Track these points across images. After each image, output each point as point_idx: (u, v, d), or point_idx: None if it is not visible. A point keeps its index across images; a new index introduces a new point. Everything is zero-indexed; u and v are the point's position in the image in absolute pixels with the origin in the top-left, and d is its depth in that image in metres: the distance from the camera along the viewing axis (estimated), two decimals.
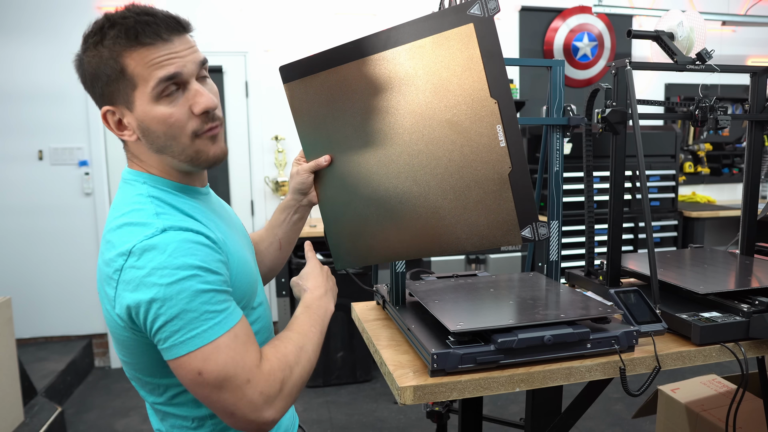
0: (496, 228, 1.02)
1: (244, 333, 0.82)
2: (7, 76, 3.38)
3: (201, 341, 0.78)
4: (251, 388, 0.79)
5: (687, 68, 1.42)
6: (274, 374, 0.82)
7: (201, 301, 0.78)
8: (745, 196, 1.59)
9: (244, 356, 0.80)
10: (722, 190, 4.48)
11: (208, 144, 0.89)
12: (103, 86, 0.84)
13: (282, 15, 3.64)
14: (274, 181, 3.62)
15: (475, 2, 0.95)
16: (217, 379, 0.78)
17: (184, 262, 0.78)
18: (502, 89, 0.97)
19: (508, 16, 3.99)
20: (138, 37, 0.81)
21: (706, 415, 1.90)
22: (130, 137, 0.88)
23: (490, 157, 1.00)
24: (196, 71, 0.86)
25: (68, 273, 3.56)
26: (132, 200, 0.87)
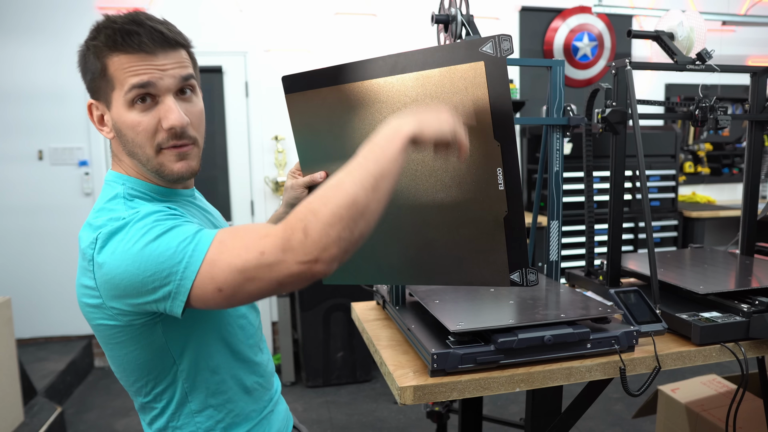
0: (485, 267, 1.01)
1: (229, 233, 0.78)
2: (7, 76, 3.38)
3: (194, 267, 0.76)
4: (271, 255, 0.72)
5: (687, 68, 1.42)
6: (291, 226, 0.72)
7: (170, 238, 0.78)
8: (745, 196, 1.59)
9: (243, 243, 0.75)
10: (722, 190, 4.48)
11: (172, 160, 0.90)
12: (90, 81, 0.89)
13: (282, 15, 3.64)
14: (274, 181, 3.62)
15: (489, 40, 0.92)
16: (236, 280, 0.74)
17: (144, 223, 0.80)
18: (507, 132, 0.94)
19: (508, 16, 3.99)
20: (117, 44, 0.84)
21: (706, 415, 1.90)
22: (108, 134, 0.92)
23: (488, 199, 0.98)
24: (174, 86, 0.87)
25: (68, 273, 3.56)
26: (107, 201, 0.89)
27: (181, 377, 0.92)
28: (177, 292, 0.77)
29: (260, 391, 1.02)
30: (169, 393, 0.93)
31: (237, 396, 0.97)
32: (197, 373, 0.93)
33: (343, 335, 3.27)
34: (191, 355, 0.92)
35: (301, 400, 3.13)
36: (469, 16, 1.42)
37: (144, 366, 0.90)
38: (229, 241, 0.76)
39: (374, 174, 0.76)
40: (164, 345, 0.89)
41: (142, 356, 0.89)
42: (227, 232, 0.78)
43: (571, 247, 3.45)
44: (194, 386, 0.93)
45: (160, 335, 0.88)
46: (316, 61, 3.69)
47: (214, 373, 0.94)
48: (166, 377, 0.92)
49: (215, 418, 0.95)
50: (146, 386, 0.93)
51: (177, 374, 0.92)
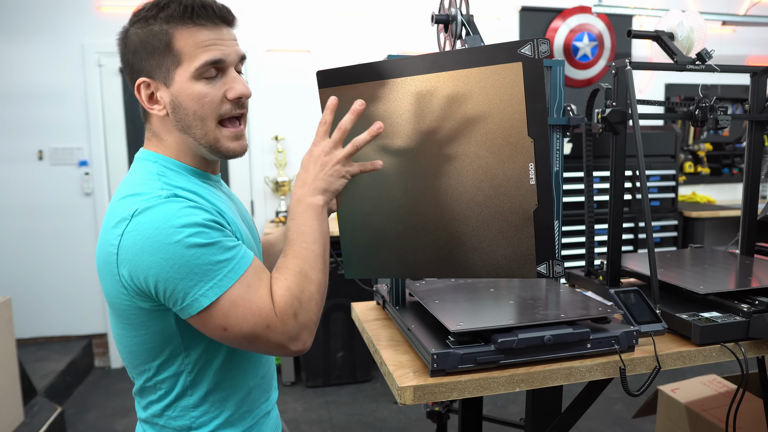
0: (513, 260, 1.04)
1: (255, 279, 0.85)
2: (7, 76, 3.38)
3: (219, 290, 0.81)
4: (272, 332, 0.84)
5: (687, 68, 1.42)
6: (285, 314, 0.84)
7: (209, 254, 0.81)
8: (745, 196, 1.59)
9: (259, 305, 0.83)
10: (722, 190, 4.48)
11: (230, 138, 0.93)
12: (146, 58, 0.89)
13: (282, 15, 3.64)
14: (274, 181, 3.62)
15: (527, 43, 0.96)
16: (242, 332, 0.83)
17: (187, 221, 0.81)
18: (540, 129, 0.98)
19: (508, 16, 3.99)
20: (193, 16, 0.86)
21: (706, 415, 1.90)
22: (159, 112, 0.91)
23: (518, 193, 1.01)
24: (236, 62, 0.92)
25: (68, 273, 3.57)
26: (140, 176, 0.90)
27: (186, 369, 0.92)
28: (193, 302, 0.81)
29: (259, 393, 1.02)
30: (170, 382, 0.93)
31: (236, 395, 0.97)
32: (203, 367, 0.93)
33: (343, 335, 3.27)
34: (201, 348, 0.91)
35: (301, 400, 3.13)
36: (469, 16, 1.42)
37: (151, 351, 0.91)
38: (253, 290, 0.84)
39: (322, 254, 0.92)
40: (175, 334, 0.89)
41: (151, 342, 0.90)
42: (255, 276, 0.85)
43: (571, 247, 3.45)
44: (197, 380, 0.93)
45: (172, 324, 0.88)
46: (316, 61, 3.69)
47: (219, 369, 0.94)
48: (171, 367, 0.92)
49: (211, 414, 0.95)
50: (149, 371, 0.93)
51: (182, 366, 0.92)
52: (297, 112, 3.71)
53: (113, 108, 3.55)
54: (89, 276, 3.58)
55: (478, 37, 1.39)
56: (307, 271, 0.88)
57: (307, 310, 0.86)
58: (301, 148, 3.74)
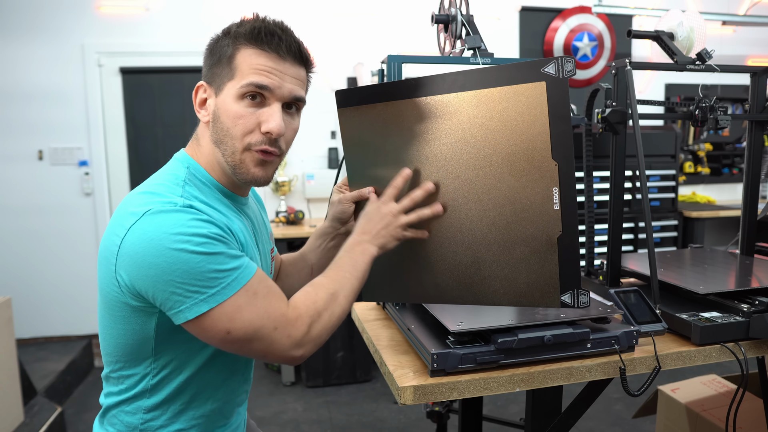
0: (536, 289, 1.00)
1: (264, 287, 0.86)
2: (8, 76, 3.38)
3: (221, 297, 0.81)
4: (279, 334, 0.85)
5: (687, 68, 1.42)
6: (301, 320, 0.87)
7: (214, 262, 0.81)
8: (745, 196, 1.59)
9: (268, 309, 0.85)
10: (722, 190, 4.48)
11: (253, 163, 0.93)
12: (210, 64, 0.93)
13: (282, 15, 3.63)
14: (274, 181, 3.62)
15: (551, 62, 0.92)
16: (246, 334, 0.83)
17: (195, 231, 0.81)
18: (565, 152, 0.94)
19: (508, 16, 3.99)
20: (257, 38, 0.89)
21: (706, 415, 1.90)
22: (204, 117, 0.94)
23: (542, 218, 0.97)
24: (286, 98, 0.92)
25: (68, 273, 3.57)
26: (166, 177, 0.91)
27: (151, 372, 0.92)
28: (189, 309, 0.81)
29: (216, 417, 1.01)
30: (133, 380, 0.93)
31: (192, 412, 0.96)
32: (167, 376, 0.93)
33: (343, 335, 3.27)
34: (169, 357, 0.92)
35: (301, 400, 3.13)
36: (469, 16, 1.42)
37: (124, 346, 0.91)
38: (261, 298, 0.85)
39: (356, 289, 0.97)
40: (150, 339, 0.89)
41: (125, 337, 0.90)
42: (262, 285, 0.86)
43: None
44: (158, 386, 0.93)
45: (151, 328, 0.88)
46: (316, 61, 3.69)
47: (183, 382, 0.94)
48: (137, 366, 0.92)
49: (159, 421, 0.95)
50: (118, 363, 0.94)
51: (148, 368, 0.92)
52: None
53: (113, 108, 3.55)
54: (89, 276, 3.58)
55: (478, 37, 1.39)
56: (338, 296, 0.93)
57: (323, 327, 0.90)
58: (301, 149, 3.74)
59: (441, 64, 1.44)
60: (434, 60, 1.51)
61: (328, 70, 3.72)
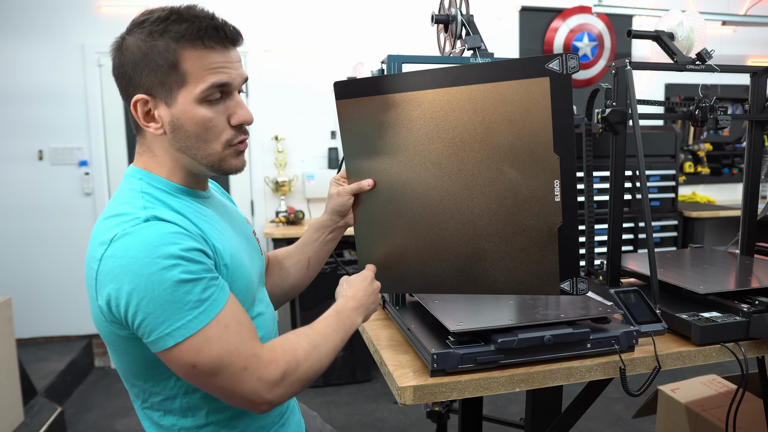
0: (536, 277, 1.02)
1: (235, 321, 0.82)
2: (8, 76, 3.38)
3: (187, 331, 0.77)
4: (248, 375, 0.80)
5: (687, 68, 1.42)
6: (276, 363, 0.83)
7: (183, 291, 0.77)
8: (745, 196, 1.59)
9: (239, 345, 0.80)
10: (722, 190, 4.48)
11: (234, 156, 0.92)
12: (147, 74, 0.84)
13: (282, 15, 3.64)
14: (274, 181, 3.62)
15: (556, 58, 0.93)
16: (212, 369, 0.79)
17: (165, 252, 0.77)
18: (567, 145, 0.96)
19: (508, 16, 3.99)
20: (203, 38, 0.83)
21: (706, 415, 1.90)
22: (155, 131, 0.87)
23: (543, 210, 0.99)
24: (240, 85, 0.90)
25: (68, 273, 3.56)
26: (124, 194, 0.88)
27: (180, 393, 0.89)
28: (157, 341, 0.78)
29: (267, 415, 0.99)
30: (166, 405, 0.90)
31: (242, 413, 0.94)
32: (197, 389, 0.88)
33: None
34: None
35: (301, 400, 3.12)
36: (469, 16, 1.42)
37: (139, 376, 0.88)
38: (232, 333, 0.80)
39: (337, 348, 0.96)
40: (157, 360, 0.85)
41: (135, 368, 0.87)
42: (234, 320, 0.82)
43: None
44: (193, 403, 0.90)
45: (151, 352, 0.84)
46: (316, 61, 3.69)
47: None
48: (162, 390, 0.89)
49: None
50: (144, 393, 0.91)
51: (174, 389, 0.89)
52: (297, 112, 3.71)
53: (113, 108, 3.55)
54: None
55: (478, 37, 1.39)
56: (321, 350, 0.90)
57: (299, 377, 0.86)
58: (301, 149, 3.74)
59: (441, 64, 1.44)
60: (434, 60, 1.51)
61: (328, 70, 3.72)
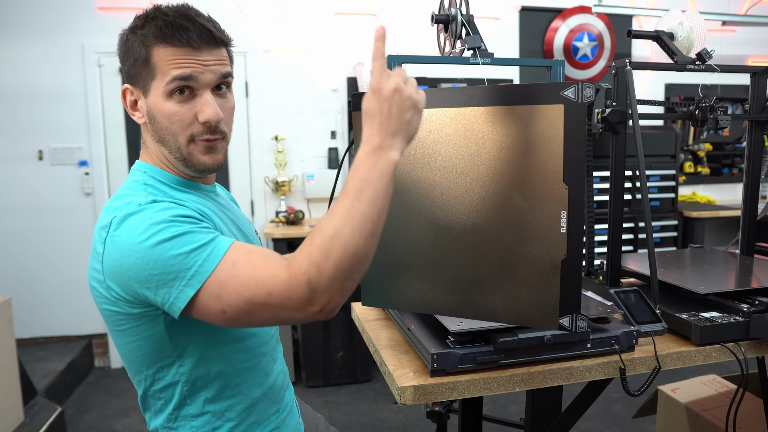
0: (535, 309, 1.00)
1: (242, 253, 0.80)
2: (7, 76, 3.38)
3: (200, 278, 0.78)
4: (277, 298, 0.76)
5: (687, 68, 1.42)
6: (296, 278, 0.74)
7: (183, 243, 0.79)
8: (745, 196, 1.59)
9: (254, 275, 0.77)
10: (722, 190, 4.48)
11: (201, 152, 0.92)
12: (130, 66, 0.91)
13: (282, 15, 3.64)
14: (274, 181, 3.62)
15: (572, 86, 0.93)
16: (240, 308, 0.78)
17: (155, 220, 0.80)
18: (577, 176, 0.94)
19: (508, 16, 3.99)
20: (166, 36, 0.87)
21: (706, 415, 1.90)
22: (139, 119, 0.94)
23: (548, 240, 0.97)
24: (213, 82, 0.90)
25: (68, 273, 3.56)
26: (127, 187, 0.92)
27: (181, 379, 0.91)
28: (177, 297, 0.79)
29: (267, 405, 1.00)
30: (168, 392, 0.92)
31: (239, 406, 0.95)
32: (199, 377, 0.91)
33: (343, 335, 3.27)
34: (193, 357, 0.90)
35: (304, 400, 3.13)
36: (469, 16, 1.42)
37: (145, 359, 0.90)
38: (241, 267, 0.78)
39: (371, 218, 0.75)
40: (166, 341, 0.88)
41: (143, 348, 0.89)
42: (241, 253, 0.80)
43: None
44: (194, 390, 0.92)
45: (162, 330, 0.87)
46: (316, 61, 3.69)
47: (216, 378, 0.93)
48: (165, 376, 0.91)
49: (213, 425, 0.94)
50: (146, 380, 0.93)
51: (177, 375, 0.91)
52: (297, 112, 3.71)
53: (113, 108, 3.55)
54: None
55: (478, 37, 1.38)
56: (343, 233, 0.74)
57: (329, 277, 0.73)
58: (301, 149, 3.74)
59: (441, 64, 1.44)
60: (434, 60, 1.51)
61: (328, 70, 3.72)
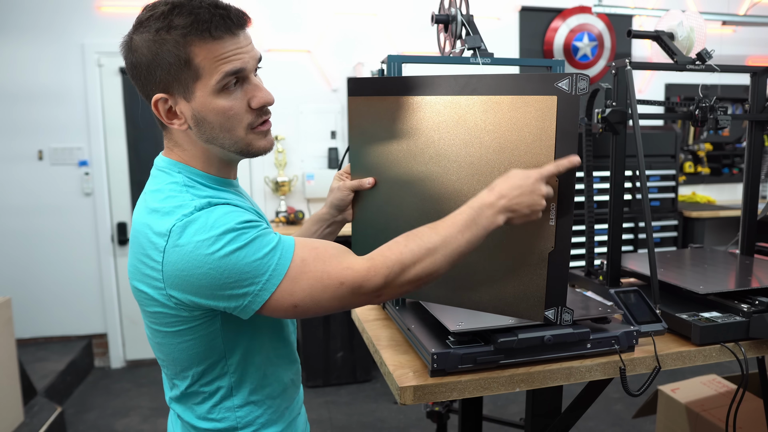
0: (521, 300, 1.01)
1: (309, 250, 0.84)
2: (7, 76, 3.38)
3: (275, 281, 0.80)
4: (348, 287, 0.82)
5: (687, 68, 1.42)
6: (374, 270, 0.83)
7: (255, 249, 0.80)
8: (745, 196, 1.59)
9: (325, 268, 0.82)
10: (722, 190, 4.48)
11: (260, 137, 0.91)
12: (162, 74, 0.83)
13: (282, 15, 3.64)
14: (274, 181, 3.62)
15: (566, 77, 0.93)
16: (313, 301, 0.82)
17: (226, 228, 0.79)
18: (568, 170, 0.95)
19: (508, 16, 3.99)
20: (210, 30, 0.81)
21: (706, 415, 1.90)
22: (180, 126, 0.87)
23: (536, 232, 0.98)
24: (255, 66, 0.89)
25: (68, 273, 3.56)
26: (167, 188, 0.87)
27: (229, 371, 0.92)
28: (252, 301, 0.81)
29: (293, 390, 1.02)
30: (215, 385, 0.92)
31: (275, 392, 0.97)
32: (245, 368, 0.93)
33: (343, 335, 3.27)
34: (242, 350, 0.91)
35: None
36: (469, 16, 1.42)
37: (195, 357, 0.90)
38: (311, 263, 0.82)
39: (462, 252, 0.88)
40: (218, 339, 0.89)
41: (196, 347, 0.89)
42: (308, 249, 0.84)
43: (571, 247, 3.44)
44: (241, 381, 0.93)
45: (217, 329, 0.88)
46: (316, 61, 3.69)
47: (259, 368, 0.94)
48: (214, 370, 0.91)
49: (255, 414, 0.95)
50: (192, 377, 0.92)
51: (226, 368, 0.91)
52: (297, 112, 3.71)
53: (113, 108, 3.55)
54: (89, 276, 3.58)
55: (478, 37, 1.39)
56: (437, 255, 0.86)
57: (403, 282, 0.84)
58: (301, 148, 3.74)
59: (441, 64, 1.44)
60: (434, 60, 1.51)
61: (329, 70, 3.72)
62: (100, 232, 3.58)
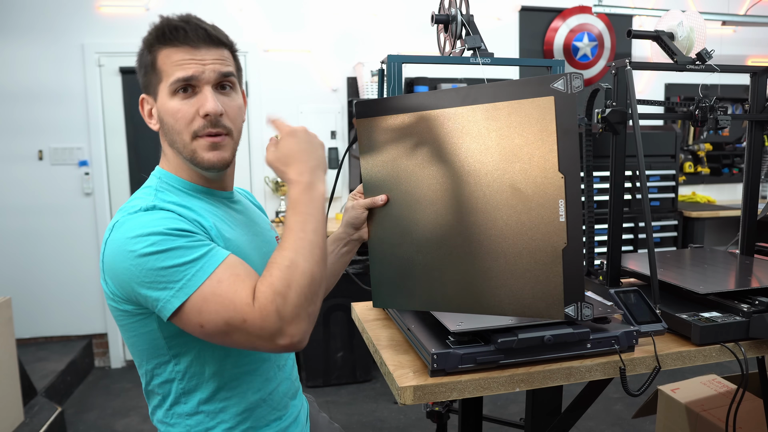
0: (540, 299, 1.02)
1: (229, 274, 0.83)
2: (7, 76, 3.38)
3: (187, 291, 0.81)
4: (251, 326, 0.80)
5: (687, 68, 1.42)
6: (265, 309, 0.80)
7: (175, 257, 0.82)
8: (745, 196, 1.59)
9: (234, 298, 0.81)
10: (722, 190, 4.48)
11: (205, 148, 0.94)
12: (142, 76, 0.97)
13: (282, 15, 3.64)
14: (274, 181, 3.62)
15: (561, 77, 0.95)
16: (217, 326, 0.82)
17: (153, 230, 0.83)
18: (572, 165, 0.97)
19: (508, 16, 3.99)
20: (166, 37, 0.92)
21: (706, 415, 1.90)
22: (154, 125, 0.98)
23: (548, 230, 0.99)
24: (214, 80, 0.94)
25: (68, 273, 3.56)
26: (140, 192, 0.96)
27: (177, 377, 0.93)
28: (164, 307, 0.83)
29: (266, 411, 1.00)
30: (165, 388, 0.95)
31: (234, 408, 0.96)
32: (194, 375, 0.93)
33: (343, 335, 3.27)
34: (191, 357, 0.92)
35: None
36: (469, 16, 1.42)
37: (143, 353, 0.94)
38: (225, 287, 0.82)
39: (319, 244, 0.88)
40: (160, 339, 0.91)
41: (140, 344, 0.93)
42: (229, 273, 0.83)
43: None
44: (189, 388, 0.94)
45: (155, 329, 0.90)
46: (316, 61, 3.69)
47: (211, 379, 0.93)
48: (162, 373, 0.94)
49: (206, 425, 0.95)
50: (146, 375, 0.96)
51: (173, 373, 0.93)
52: (297, 112, 3.71)
53: (113, 108, 3.55)
54: (89, 276, 3.58)
55: (478, 37, 1.39)
56: (298, 263, 0.83)
57: (295, 305, 0.81)
58: None
59: (441, 64, 1.45)
60: (434, 60, 1.51)
61: (328, 70, 3.72)
62: (100, 232, 3.57)
